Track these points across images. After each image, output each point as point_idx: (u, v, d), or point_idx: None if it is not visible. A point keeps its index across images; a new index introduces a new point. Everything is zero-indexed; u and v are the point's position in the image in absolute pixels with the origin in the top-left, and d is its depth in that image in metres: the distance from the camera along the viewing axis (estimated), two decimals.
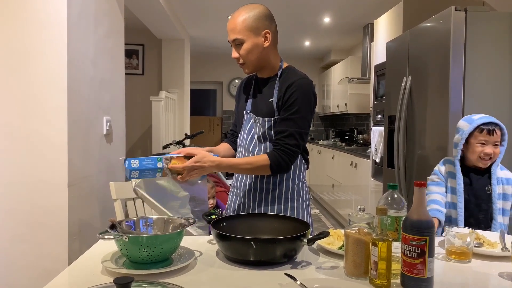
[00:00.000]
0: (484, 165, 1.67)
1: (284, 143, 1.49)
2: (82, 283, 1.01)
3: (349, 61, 6.17)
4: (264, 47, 1.53)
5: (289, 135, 1.49)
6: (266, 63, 1.58)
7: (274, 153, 1.49)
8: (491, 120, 1.67)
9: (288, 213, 1.57)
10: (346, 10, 5.03)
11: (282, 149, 1.49)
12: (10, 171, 1.95)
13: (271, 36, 1.54)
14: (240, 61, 1.55)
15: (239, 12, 1.52)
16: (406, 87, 2.88)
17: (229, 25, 1.53)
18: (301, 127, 1.51)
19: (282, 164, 1.48)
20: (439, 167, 1.78)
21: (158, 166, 1.31)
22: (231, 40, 1.54)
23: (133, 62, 6.32)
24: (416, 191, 1.02)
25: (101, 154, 2.43)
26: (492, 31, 2.38)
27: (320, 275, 1.10)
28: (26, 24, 1.93)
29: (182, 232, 1.16)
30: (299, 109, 1.50)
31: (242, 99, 1.70)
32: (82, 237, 2.15)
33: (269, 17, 1.55)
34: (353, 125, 6.82)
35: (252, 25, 1.50)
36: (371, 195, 4.03)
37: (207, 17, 5.48)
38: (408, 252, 0.99)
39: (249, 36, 1.50)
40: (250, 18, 1.50)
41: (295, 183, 1.60)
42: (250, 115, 1.61)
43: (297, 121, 1.50)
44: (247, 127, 1.62)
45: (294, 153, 1.50)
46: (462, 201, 1.65)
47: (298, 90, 1.51)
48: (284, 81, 1.56)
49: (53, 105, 1.95)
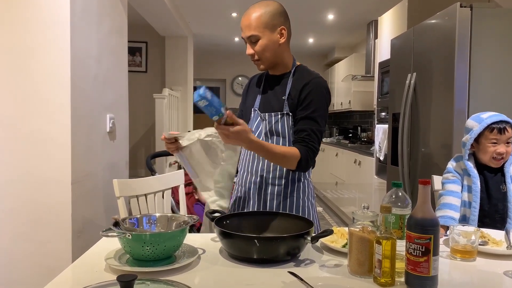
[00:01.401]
0: (497, 165, 1.62)
1: (310, 141, 1.49)
2: (85, 281, 1.01)
3: (353, 58, 6.15)
4: (280, 44, 1.53)
5: (313, 133, 1.50)
6: (280, 60, 1.57)
7: (304, 149, 1.47)
8: (501, 118, 1.61)
9: (294, 211, 1.56)
10: (350, 7, 5.01)
11: (309, 146, 1.48)
12: (13, 169, 1.96)
13: (286, 32, 1.54)
14: (256, 58, 1.54)
15: (254, 9, 1.50)
16: (410, 85, 2.86)
17: (244, 22, 1.51)
18: (321, 126, 1.52)
19: (309, 162, 1.48)
20: (452, 163, 1.70)
21: (222, 110, 1.30)
22: (246, 37, 1.52)
23: (136, 59, 6.33)
24: (421, 189, 1.01)
25: (104, 151, 2.43)
26: (498, 27, 2.36)
27: (324, 273, 1.09)
28: (30, 22, 1.94)
29: (185, 229, 1.16)
30: (318, 108, 1.51)
31: (251, 96, 1.69)
32: (86, 235, 2.16)
33: (284, 13, 1.55)
34: (357, 123, 6.80)
35: (268, 22, 1.49)
36: (375, 193, 4.02)
37: (210, 15, 5.47)
38: (412, 251, 0.98)
39: (265, 33, 1.50)
40: (266, 14, 1.49)
41: (301, 181, 1.59)
42: (258, 113, 1.61)
43: (317, 120, 1.51)
44: (254, 124, 1.62)
45: (316, 152, 1.51)
46: (477, 201, 1.59)
47: (316, 89, 1.52)
48: (298, 79, 1.56)
49: (56, 102, 1.96)
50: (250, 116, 1.66)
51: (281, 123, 1.54)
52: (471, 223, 1.57)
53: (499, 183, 1.62)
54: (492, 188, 1.62)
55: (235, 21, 5.76)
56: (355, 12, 5.21)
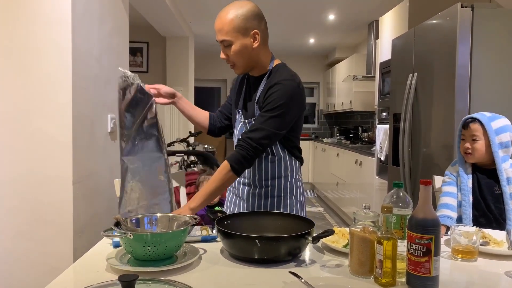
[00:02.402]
0: (468, 160, 1.68)
1: (246, 137, 1.45)
2: (87, 281, 1.01)
3: (354, 59, 6.15)
4: (253, 48, 1.48)
5: (255, 130, 1.45)
6: (255, 63, 1.54)
7: (233, 156, 1.44)
8: (472, 116, 1.69)
9: (281, 210, 1.58)
10: (351, 7, 5.01)
11: (242, 144, 1.45)
12: (15, 168, 1.96)
13: (260, 36, 1.47)
14: (230, 61, 1.52)
15: (226, 11, 1.45)
16: (411, 85, 2.86)
17: (217, 25, 1.46)
18: (271, 126, 1.45)
19: (241, 160, 1.43)
20: (450, 167, 1.78)
21: None
22: (219, 41, 1.48)
23: (137, 59, 6.33)
24: (422, 189, 1.01)
25: (105, 151, 2.43)
26: (499, 28, 2.36)
27: (325, 274, 1.09)
28: (31, 22, 1.94)
29: (186, 229, 1.16)
30: (274, 108, 1.45)
31: (236, 96, 1.69)
32: (87, 235, 2.16)
33: (258, 15, 1.48)
34: (358, 123, 6.80)
35: (240, 26, 1.43)
36: (376, 193, 4.02)
37: (211, 15, 5.47)
38: (413, 251, 0.98)
39: (237, 38, 1.45)
40: (238, 18, 1.43)
41: (288, 180, 1.60)
42: (240, 115, 1.62)
43: (268, 119, 1.45)
44: (238, 126, 1.62)
45: (255, 149, 1.44)
46: (467, 200, 1.63)
47: (280, 90, 1.46)
48: (269, 82, 1.52)
49: (57, 103, 1.96)
50: (235, 116, 1.66)
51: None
52: (464, 222, 1.61)
53: (492, 185, 1.65)
54: (484, 189, 1.65)
55: None
56: (356, 13, 5.21)
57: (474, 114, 1.70)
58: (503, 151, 1.64)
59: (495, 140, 1.62)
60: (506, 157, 1.64)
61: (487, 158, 1.65)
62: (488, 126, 1.64)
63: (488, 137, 1.63)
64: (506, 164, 1.64)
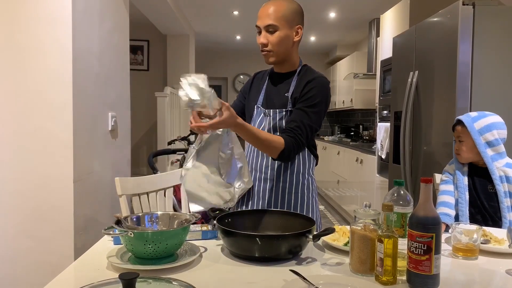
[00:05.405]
0: (460, 160, 1.71)
1: (298, 133, 1.48)
2: (87, 279, 1.01)
3: (354, 57, 6.14)
4: (294, 41, 1.55)
5: (302, 126, 1.49)
6: (288, 58, 1.58)
7: (290, 140, 1.46)
8: (458, 117, 1.73)
9: (298, 207, 1.57)
10: (351, 5, 4.99)
11: (296, 138, 1.47)
12: (15, 167, 1.96)
13: (301, 32, 1.56)
14: (268, 48, 1.53)
15: (276, 2, 1.52)
16: (412, 83, 2.85)
17: (264, 11, 1.51)
18: (313, 122, 1.51)
19: (291, 153, 1.46)
20: (447, 166, 1.80)
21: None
22: (264, 26, 1.51)
23: (138, 58, 6.33)
24: (423, 187, 1.01)
25: (106, 150, 2.43)
26: (500, 26, 2.35)
27: (326, 272, 1.09)
28: (31, 20, 1.94)
29: (187, 227, 1.16)
30: (315, 104, 1.51)
31: (254, 93, 1.69)
32: (88, 233, 2.16)
33: (302, 15, 1.57)
34: (358, 121, 6.79)
35: (288, 17, 1.51)
36: (376, 191, 4.01)
37: (212, 13, 5.46)
38: (414, 249, 0.98)
39: (284, 26, 1.51)
40: (288, 9, 1.51)
41: (305, 178, 1.60)
42: (261, 109, 1.61)
43: (311, 115, 1.50)
44: (257, 120, 1.62)
45: (302, 146, 1.49)
46: (463, 197, 1.66)
47: (318, 86, 1.52)
48: (302, 78, 1.57)
49: (58, 101, 1.96)
50: (252, 112, 1.66)
51: (285, 120, 1.54)
52: (461, 219, 1.63)
53: (486, 184, 1.66)
54: (478, 187, 1.67)
55: (237, 20, 5.75)
56: (357, 10, 5.20)
57: (461, 116, 1.73)
58: (492, 150, 1.64)
59: (479, 141, 1.64)
60: (497, 156, 1.64)
61: (478, 158, 1.66)
62: (470, 127, 1.65)
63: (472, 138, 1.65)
64: (499, 162, 1.64)
